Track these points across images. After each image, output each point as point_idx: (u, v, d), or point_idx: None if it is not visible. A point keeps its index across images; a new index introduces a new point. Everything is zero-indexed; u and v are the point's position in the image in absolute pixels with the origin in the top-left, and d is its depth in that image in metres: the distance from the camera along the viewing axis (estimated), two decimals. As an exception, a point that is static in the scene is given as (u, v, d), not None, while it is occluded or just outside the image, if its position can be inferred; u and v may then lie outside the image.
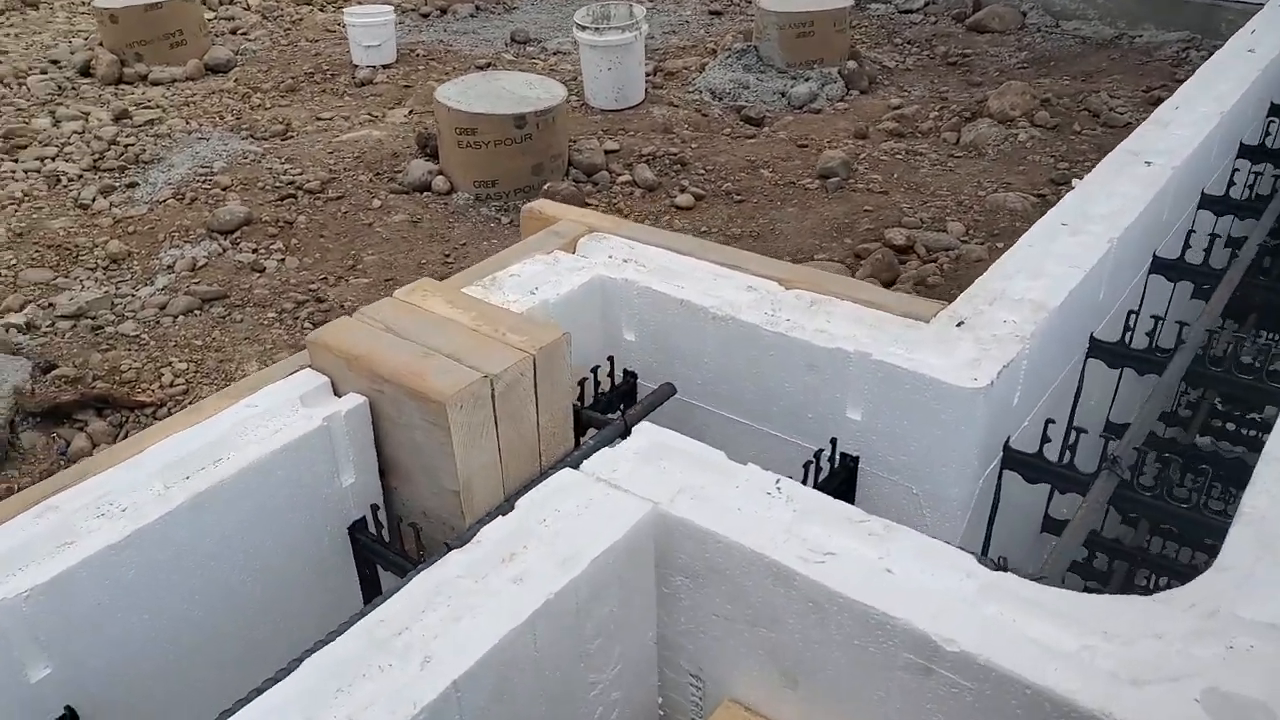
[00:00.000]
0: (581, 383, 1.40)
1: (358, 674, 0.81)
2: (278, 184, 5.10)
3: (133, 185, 5.01)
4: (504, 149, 4.81)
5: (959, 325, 1.28)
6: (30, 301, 4.03)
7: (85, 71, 6.40)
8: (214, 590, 1.04)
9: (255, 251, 4.47)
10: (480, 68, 6.43)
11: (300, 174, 5.22)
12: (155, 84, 6.26)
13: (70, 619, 0.92)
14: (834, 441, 1.29)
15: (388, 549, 1.15)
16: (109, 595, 0.94)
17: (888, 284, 3.86)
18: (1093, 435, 1.30)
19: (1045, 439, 1.28)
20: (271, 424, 1.09)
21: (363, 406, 1.14)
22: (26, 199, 4.89)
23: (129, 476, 1.00)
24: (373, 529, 1.17)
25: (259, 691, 0.81)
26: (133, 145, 5.35)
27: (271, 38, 7.30)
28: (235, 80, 6.37)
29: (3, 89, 6.16)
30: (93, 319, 3.96)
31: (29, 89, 6.19)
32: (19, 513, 0.96)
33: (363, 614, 0.87)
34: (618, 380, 1.48)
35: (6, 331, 3.78)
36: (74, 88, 6.28)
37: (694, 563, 0.99)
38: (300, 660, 0.83)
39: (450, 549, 0.99)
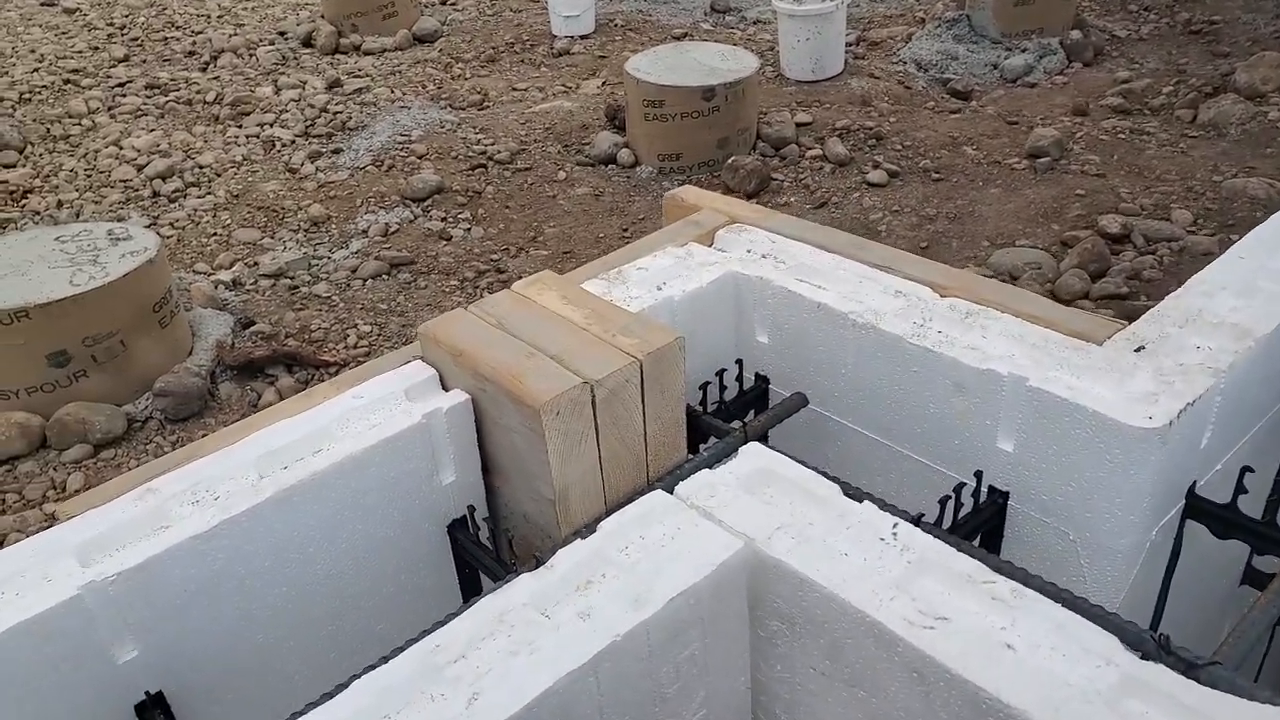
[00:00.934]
0: (704, 386, 1.31)
1: (405, 701, 0.76)
2: (470, 154, 5.23)
3: (337, 151, 5.27)
4: (690, 122, 4.73)
5: (1138, 350, 1.10)
6: (239, 260, 4.31)
7: (307, 42, 6.79)
8: (305, 582, 1.03)
9: (444, 220, 4.61)
10: (676, 38, 6.37)
11: (492, 144, 5.34)
12: (367, 54, 6.57)
13: (157, 604, 0.93)
14: (979, 474, 1.14)
15: (485, 551, 1.11)
16: (196, 583, 0.94)
17: (1096, 276, 3.53)
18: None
19: (1241, 489, 1.09)
20: (373, 417, 1.07)
21: (466, 404, 1.09)
22: (245, 162, 5.24)
23: (227, 464, 1.00)
24: (472, 529, 1.13)
25: (313, 705, 0.78)
26: (341, 113, 5.62)
27: (478, 7, 7.50)
28: (440, 50, 6.59)
29: (236, 59, 6.63)
30: (290, 279, 4.19)
31: (258, 59, 6.62)
32: (123, 492, 0.98)
33: (422, 635, 0.83)
34: (747, 385, 1.38)
35: (215, 288, 4.05)
36: (296, 58, 6.67)
37: (790, 609, 0.89)
38: (350, 681, 0.79)
39: (535, 563, 0.93)
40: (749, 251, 1.38)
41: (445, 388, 1.13)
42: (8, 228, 4.58)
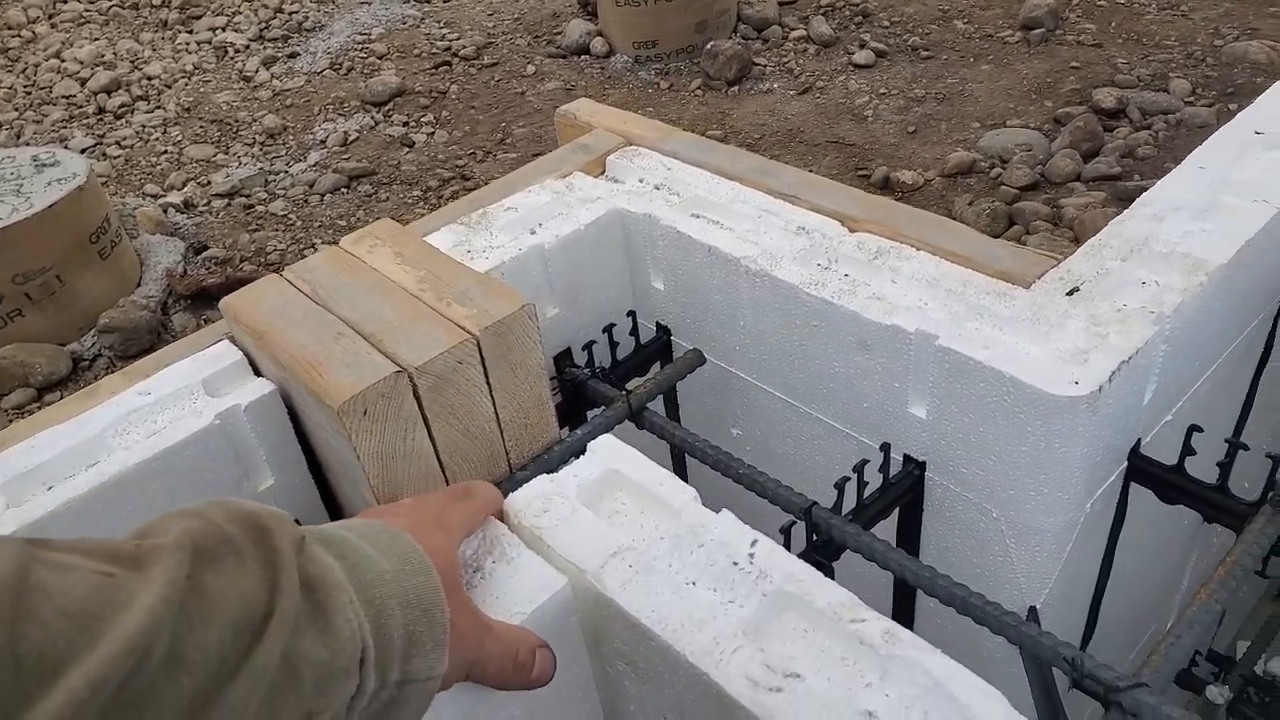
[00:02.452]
0: (589, 346, 1.14)
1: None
2: (433, 50, 4.94)
3: (293, 55, 4.99)
4: (665, 6, 4.43)
5: (1071, 294, 0.91)
6: (191, 180, 4.11)
7: (262, -65, 6.39)
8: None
9: (406, 125, 4.37)
10: (652, -89, 5.95)
11: (457, 39, 5.05)
12: (325, -55, 6.18)
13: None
14: (886, 447, 0.97)
15: (315, 562, 0.96)
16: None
17: (1089, 156, 3.28)
18: (1259, 453, 0.92)
19: (1189, 450, 0.91)
20: (159, 419, 0.91)
21: (272, 396, 0.93)
22: (196, 72, 4.97)
23: (-29, 500, 0.84)
24: (307, 533, 0.98)
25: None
26: (296, 12, 5.31)
27: (443, -112, 7.04)
28: (402, -63, 6.19)
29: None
30: (246, 197, 3.99)
31: (209, -44, 6.24)
32: None
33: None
34: (646, 337, 1.21)
35: (166, 212, 3.86)
36: (250, -48, 6.28)
37: (632, 652, 0.73)
38: None
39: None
40: (641, 181, 1.19)
41: (256, 372, 0.97)
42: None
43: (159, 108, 4.55)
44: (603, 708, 0.82)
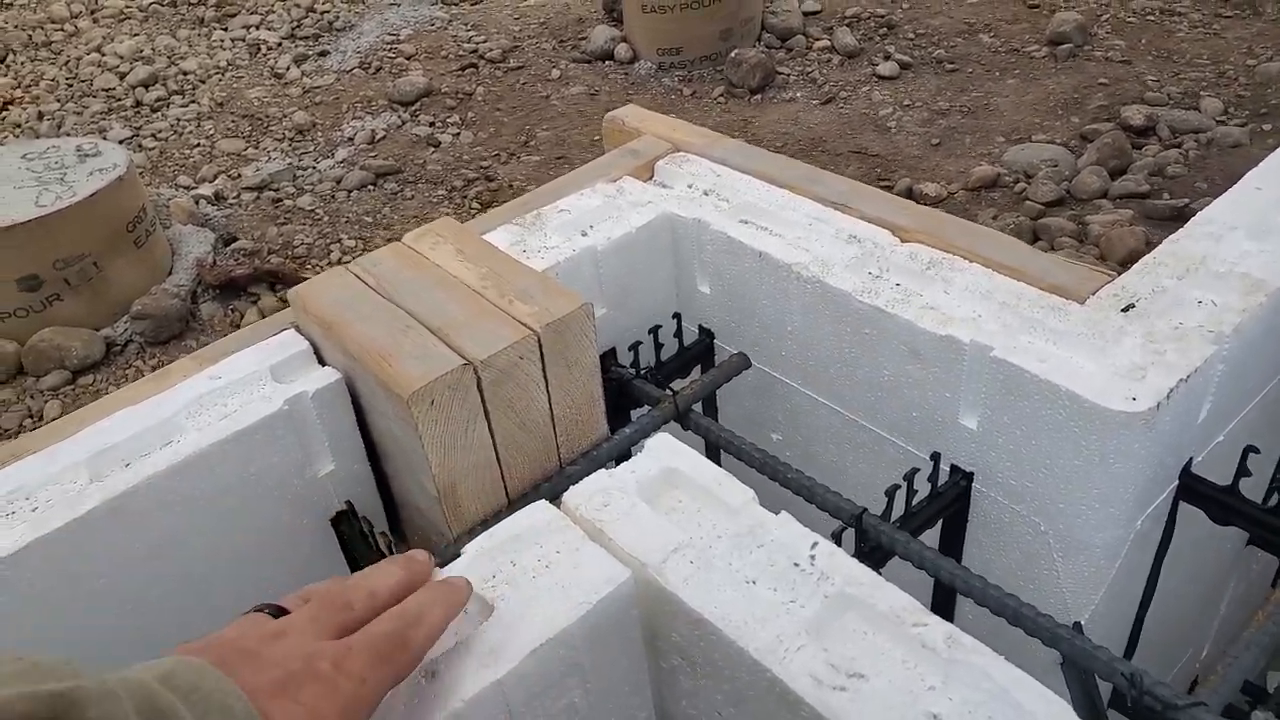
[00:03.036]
0: (635, 347, 1.15)
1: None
2: (460, 52, 4.97)
3: (324, 54, 5.02)
4: (690, 12, 4.44)
5: (1126, 310, 0.92)
6: (222, 172, 4.14)
7: (294, -66, 6.43)
8: (155, 596, 0.91)
9: (432, 125, 4.39)
10: (680, -82, 5.97)
11: (484, 41, 5.07)
12: (357, -56, 6.22)
13: (-34, 636, 0.81)
14: (936, 457, 0.99)
15: (369, 549, 0.98)
16: (13, 607, 0.82)
17: (1116, 174, 3.28)
18: (1315, 475, 0.93)
19: (1244, 471, 0.92)
20: (229, 403, 0.93)
21: (338, 384, 0.95)
22: (230, 68, 5.01)
23: (50, 465, 0.86)
24: (360, 522, 1.00)
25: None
26: (328, 12, 5.35)
27: (473, -109, 7.08)
28: (432, -61, 6.22)
29: (218, -47, 6.29)
30: (275, 191, 4.02)
31: (242, -48, 6.28)
32: (-63, 499, 0.85)
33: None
34: (689, 340, 1.22)
35: (197, 204, 3.89)
36: (282, -50, 6.32)
37: (690, 648, 0.75)
38: None
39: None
40: (690, 187, 1.21)
41: (321, 362, 0.99)
42: (-17, 144, 4.42)
43: (193, 102, 4.59)
44: (653, 701, 0.84)
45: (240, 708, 0.50)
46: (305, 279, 3.84)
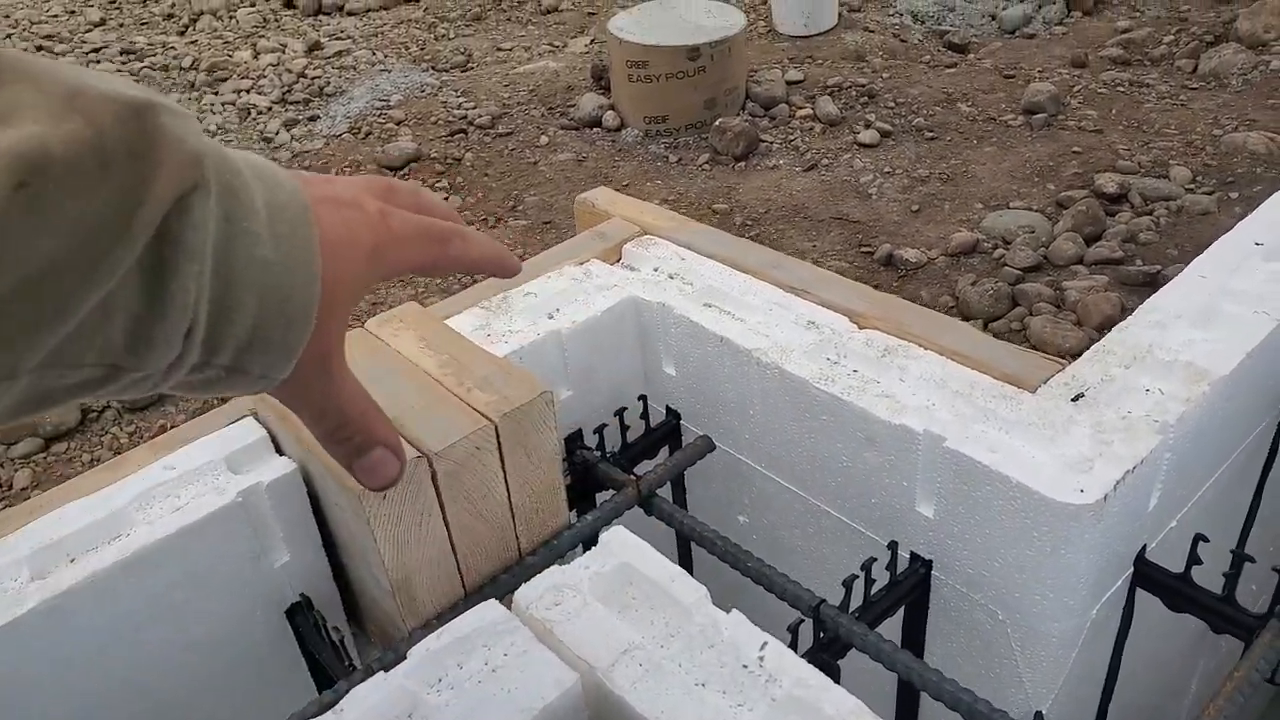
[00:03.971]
0: (600, 430, 1.15)
1: None
2: (450, 118, 5.04)
3: (314, 119, 5.09)
4: (675, 82, 4.52)
5: (1076, 399, 0.93)
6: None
7: (289, 3, 6.57)
8: (104, 692, 0.90)
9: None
10: (666, -10, 6.12)
11: (474, 108, 5.15)
12: (350, 14, 6.36)
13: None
14: (894, 545, 0.99)
15: (323, 644, 0.97)
16: (-40, 706, 0.81)
17: (1091, 240, 3.34)
18: (1265, 562, 0.93)
19: (1195, 559, 0.93)
20: (182, 495, 0.92)
21: (294, 475, 0.95)
22: (220, 131, 5.06)
23: None
24: (311, 620, 0.99)
25: None
26: (319, 78, 5.43)
27: (465, -38, 7.24)
28: (424, 9, 6.36)
29: (216, 22, 6.43)
30: (260, 258, 4.03)
31: (238, 21, 6.42)
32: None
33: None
34: (656, 421, 1.23)
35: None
36: (277, 19, 6.46)
37: (637, 749, 0.74)
38: None
39: (326, 700, 0.80)
40: (656, 270, 1.22)
41: (280, 451, 0.99)
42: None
43: (177, 166, 4.64)
44: (607, 802, 0.83)
45: (291, 187, 0.50)
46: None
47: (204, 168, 0.45)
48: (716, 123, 4.34)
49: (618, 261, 1.27)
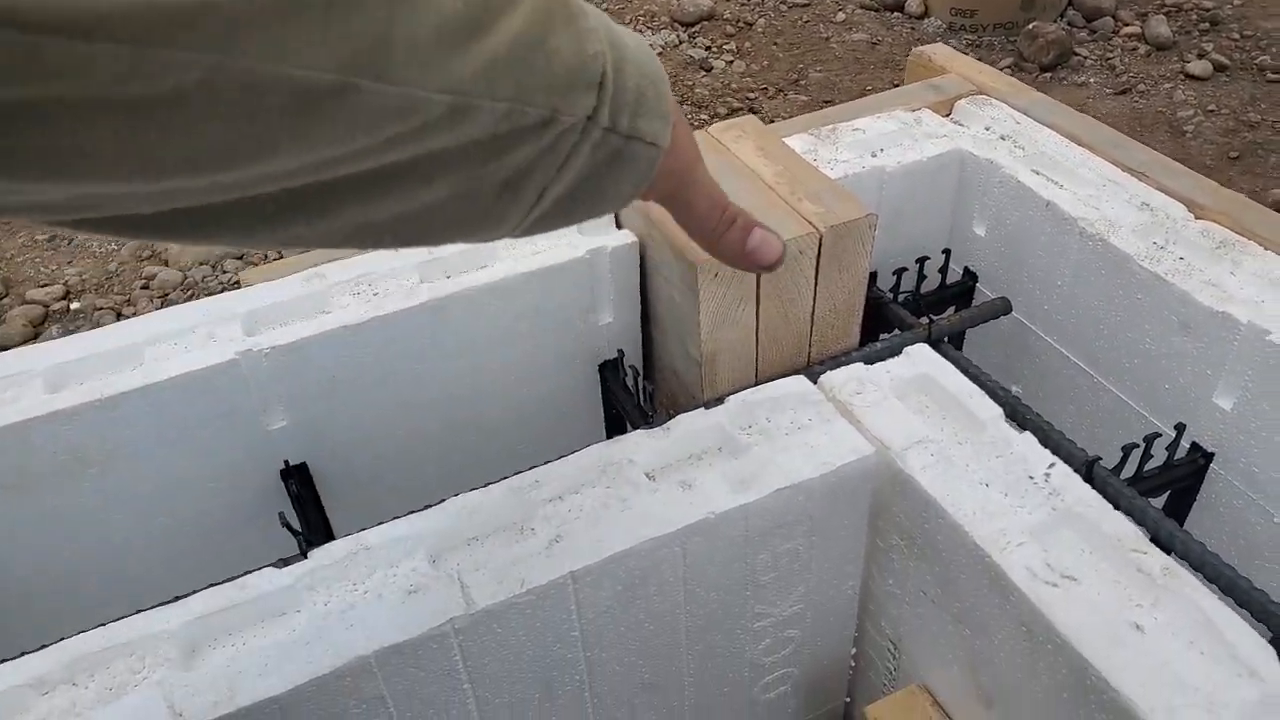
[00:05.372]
0: (899, 272, 1.20)
1: (494, 528, 0.77)
2: (751, -19, 4.98)
3: (620, -37, 5.15)
4: (994, -25, 4.27)
5: None
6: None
7: None
8: (453, 388, 1.06)
9: (708, 49, 4.47)
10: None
11: (776, -27, 5.05)
12: None
13: (307, 382, 0.98)
14: (1180, 427, 1.00)
15: (628, 397, 1.10)
16: (346, 369, 0.99)
17: None
18: None
19: None
20: (540, 242, 1.06)
21: (632, 247, 1.06)
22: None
23: (392, 263, 1.02)
24: (623, 374, 1.12)
25: (414, 511, 0.81)
26: (632, -78, 5.46)
27: None
28: None
29: None
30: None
31: None
32: (296, 272, 1.03)
33: (519, 472, 0.83)
34: (952, 279, 1.26)
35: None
36: None
37: (911, 528, 0.82)
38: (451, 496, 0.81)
39: (655, 421, 0.91)
40: (987, 129, 1.23)
41: (618, 224, 1.10)
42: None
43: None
44: (861, 573, 0.91)
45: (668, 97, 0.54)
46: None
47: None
48: (1029, 26, 4.09)
49: (948, 115, 1.29)
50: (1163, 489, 1.01)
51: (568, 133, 0.47)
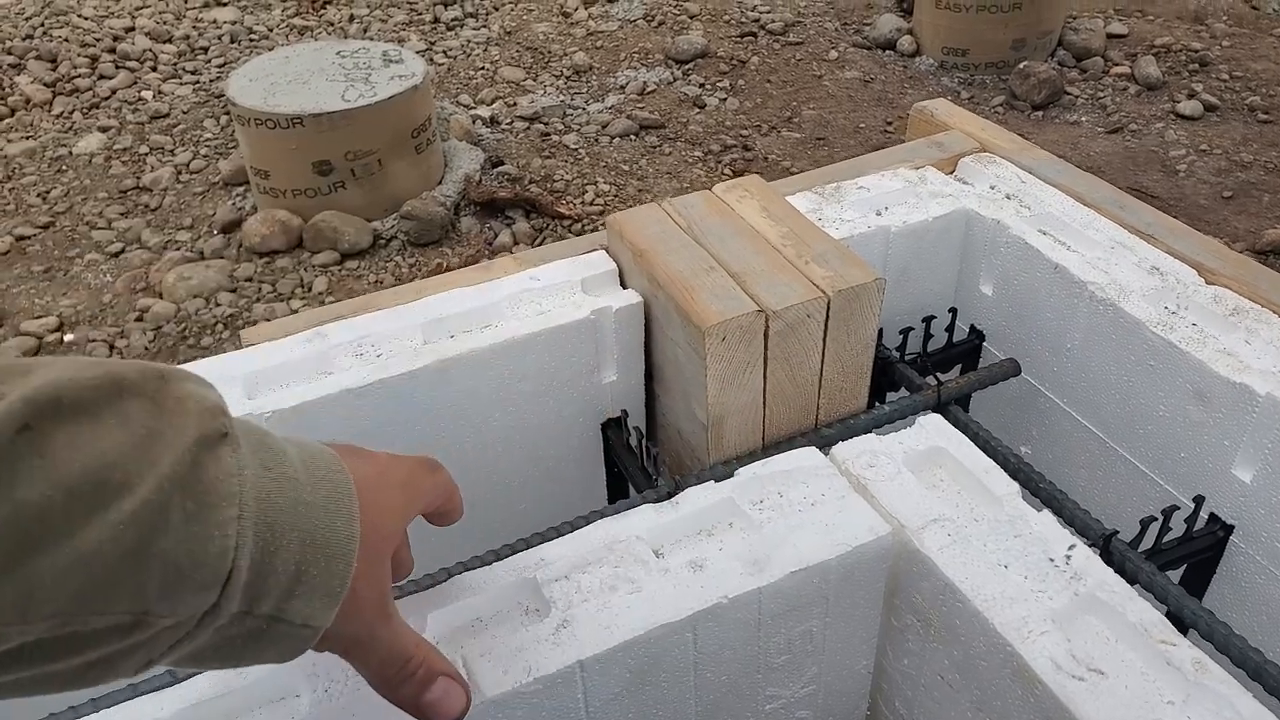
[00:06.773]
0: (906, 332, 1.19)
1: (499, 610, 0.75)
2: (743, 19, 5.04)
3: (612, 0, 5.19)
4: (986, 16, 4.33)
5: None
6: (500, 98, 4.39)
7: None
8: (455, 451, 1.03)
9: (702, 86, 4.49)
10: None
11: (768, 12, 5.12)
12: (663, -100, 6.37)
13: (307, 448, 0.95)
14: (1199, 500, 0.98)
15: (632, 457, 1.07)
16: (346, 434, 0.96)
17: None
18: None
19: None
20: (544, 303, 1.03)
21: (637, 307, 1.04)
22: (524, 0, 5.26)
23: (395, 323, 1.00)
24: (626, 434, 1.10)
25: (414, 582, 0.78)
26: (626, -40, 5.50)
27: None
28: (736, -96, 6.29)
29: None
30: (545, 124, 4.22)
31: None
32: (298, 330, 1.00)
33: (529, 546, 0.81)
34: (959, 337, 1.24)
35: (474, 123, 4.16)
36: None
37: (929, 610, 0.79)
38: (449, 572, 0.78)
39: (669, 490, 0.89)
40: (992, 188, 1.22)
41: (623, 284, 1.08)
42: (304, 35, 4.87)
43: (485, 27, 4.89)
44: (875, 653, 0.89)
45: (318, 445, 0.55)
46: (561, 214, 4.04)
47: (227, 419, 0.47)
48: (1021, 65, 4.13)
49: (952, 173, 1.28)
50: (1180, 562, 0.99)
51: (173, 628, 0.45)
